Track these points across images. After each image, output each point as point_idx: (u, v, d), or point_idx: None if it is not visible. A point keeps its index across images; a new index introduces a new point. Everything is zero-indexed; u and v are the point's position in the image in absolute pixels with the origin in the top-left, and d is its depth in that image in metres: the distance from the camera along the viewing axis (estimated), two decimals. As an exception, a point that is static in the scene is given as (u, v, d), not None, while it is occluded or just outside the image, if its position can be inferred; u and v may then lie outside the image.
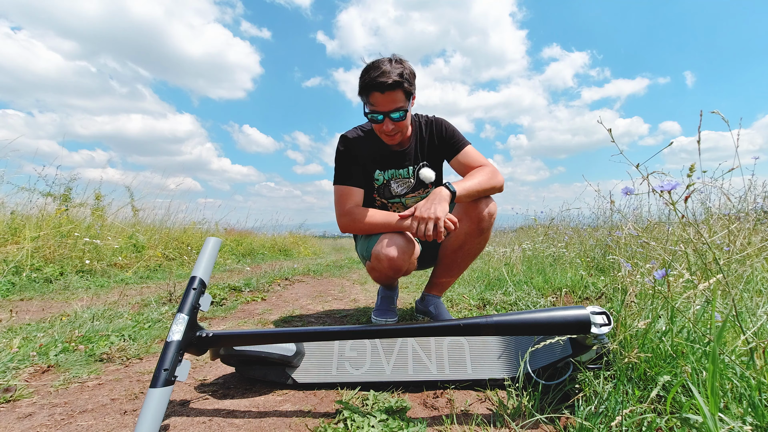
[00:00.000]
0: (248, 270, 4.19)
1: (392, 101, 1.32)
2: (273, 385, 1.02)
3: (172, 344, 0.80)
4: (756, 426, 0.58)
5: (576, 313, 0.79)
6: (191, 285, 0.90)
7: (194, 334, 0.86)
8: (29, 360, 1.15)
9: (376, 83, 1.27)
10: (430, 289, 1.65)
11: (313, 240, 10.51)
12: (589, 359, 0.89)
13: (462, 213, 1.46)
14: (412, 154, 1.53)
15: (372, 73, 1.29)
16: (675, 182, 0.75)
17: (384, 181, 1.56)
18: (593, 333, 0.77)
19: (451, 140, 1.51)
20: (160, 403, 0.73)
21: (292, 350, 0.99)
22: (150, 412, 0.71)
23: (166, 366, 0.77)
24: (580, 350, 0.87)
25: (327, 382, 1.00)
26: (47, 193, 3.87)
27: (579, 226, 3.87)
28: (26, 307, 2.04)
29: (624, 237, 1.63)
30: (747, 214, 1.76)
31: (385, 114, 1.33)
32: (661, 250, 1.33)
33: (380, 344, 1.07)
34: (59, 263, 3.06)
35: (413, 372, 1.00)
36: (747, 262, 1.23)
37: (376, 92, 1.30)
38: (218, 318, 1.85)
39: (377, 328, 0.88)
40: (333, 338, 0.90)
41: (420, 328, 0.85)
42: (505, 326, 0.80)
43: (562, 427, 0.76)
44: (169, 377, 0.76)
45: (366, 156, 1.51)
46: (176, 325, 0.83)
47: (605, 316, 0.79)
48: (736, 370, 0.70)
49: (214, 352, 0.97)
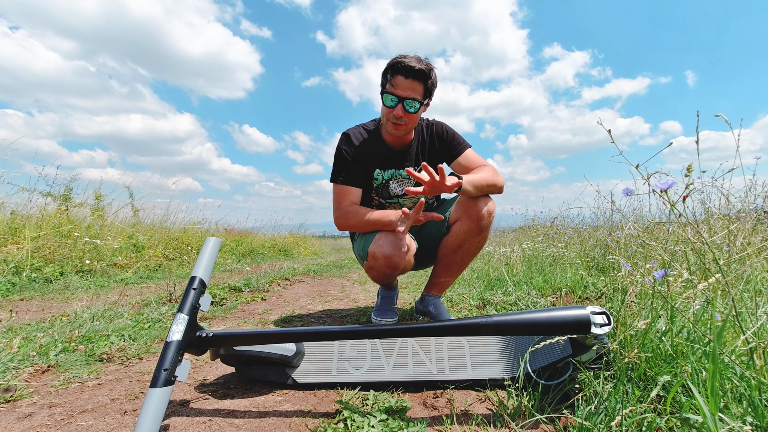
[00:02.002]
0: (248, 270, 4.19)
1: (412, 89, 1.34)
2: (273, 385, 1.02)
3: (172, 344, 0.80)
4: (756, 426, 0.58)
5: (576, 313, 0.79)
6: (191, 285, 0.90)
7: (194, 334, 0.86)
8: (29, 360, 1.15)
9: (405, 66, 1.31)
10: (430, 289, 1.65)
11: (313, 240, 10.51)
12: (589, 359, 0.89)
13: (461, 212, 1.47)
14: (413, 155, 1.54)
15: (403, 58, 1.33)
16: (672, 181, 0.75)
17: (383, 181, 1.56)
18: (593, 333, 0.77)
19: (452, 143, 1.53)
20: (160, 403, 0.73)
21: (292, 350, 0.99)
22: (150, 412, 0.71)
23: (166, 366, 0.77)
24: (580, 350, 0.87)
25: (327, 382, 0.99)
26: (47, 193, 3.87)
27: (579, 227, 3.87)
28: (26, 307, 2.04)
29: (624, 237, 1.63)
30: (747, 214, 1.76)
31: (400, 99, 1.35)
32: (661, 250, 1.33)
33: (380, 344, 1.07)
34: (59, 263, 3.06)
35: (413, 372, 1.00)
36: (747, 262, 1.23)
37: (401, 75, 1.33)
38: (218, 318, 1.85)
39: (377, 328, 0.88)
40: (333, 338, 0.90)
41: (420, 328, 0.85)
42: (505, 326, 0.80)
43: (562, 427, 0.76)
44: (169, 377, 0.76)
45: (367, 154, 1.51)
46: (176, 325, 0.83)
47: (605, 316, 0.79)
48: (736, 370, 0.70)
49: (214, 352, 0.97)
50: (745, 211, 1.91)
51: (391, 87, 1.35)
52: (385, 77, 1.39)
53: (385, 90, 1.38)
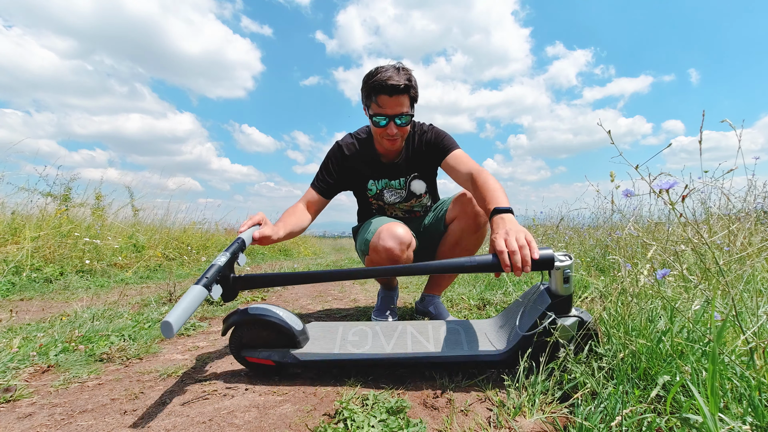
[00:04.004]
0: (248, 270, 4.19)
1: (399, 105, 1.34)
2: (274, 378, 1.03)
3: (215, 265, 0.94)
4: (756, 426, 0.58)
5: (544, 252, 0.93)
6: (236, 240, 1.09)
7: (229, 273, 1.00)
8: (29, 360, 1.15)
9: (387, 86, 1.29)
10: (430, 289, 1.65)
11: (313, 240, 10.51)
12: (571, 335, 0.95)
13: (458, 210, 1.47)
14: (403, 165, 1.55)
15: (381, 76, 1.30)
16: (673, 181, 0.75)
17: (377, 191, 1.60)
18: (557, 266, 0.93)
19: (440, 144, 1.50)
20: (196, 298, 0.83)
21: (300, 326, 1.08)
22: (187, 301, 0.79)
23: (208, 276, 0.90)
24: (558, 305, 0.95)
25: (329, 359, 1.03)
26: (47, 193, 3.87)
27: (579, 227, 3.87)
28: (26, 307, 2.04)
29: (624, 237, 1.63)
30: (747, 214, 1.76)
31: (390, 117, 1.35)
32: (661, 249, 1.33)
33: (380, 330, 1.15)
34: (59, 263, 3.06)
35: (412, 349, 1.05)
36: (747, 262, 1.23)
37: (384, 95, 1.31)
38: (218, 318, 1.85)
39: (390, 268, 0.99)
40: (345, 277, 1.02)
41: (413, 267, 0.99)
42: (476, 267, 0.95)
43: (562, 427, 0.76)
44: (207, 285, 0.88)
45: (358, 166, 1.55)
46: (221, 256, 0.98)
47: (567, 256, 0.94)
48: (736, 370, 0.70)
49: (226, 327, 1.06)
50: (745, 211, 1.91)
51: (378, 107, 1.34)
52: (368, 98, 1.37)
53: (372, 112, 1.37)
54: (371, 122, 1.40)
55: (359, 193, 1.66)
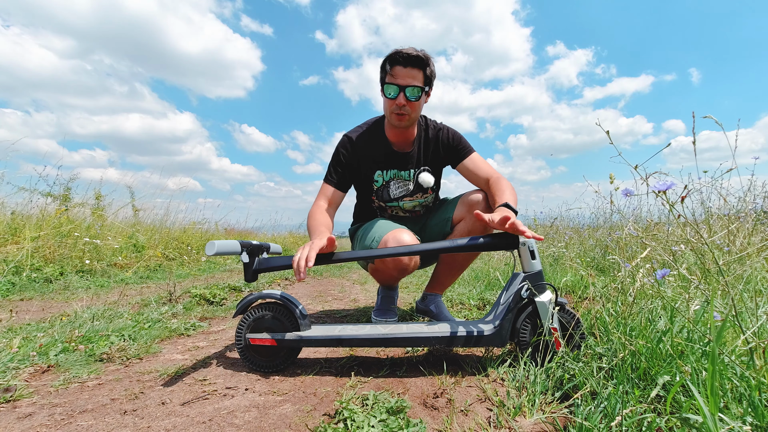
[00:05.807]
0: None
1: (411, 77, 1.34)
2: (286, 358, 1.13)
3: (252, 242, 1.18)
4: (756, 426, 0.58)
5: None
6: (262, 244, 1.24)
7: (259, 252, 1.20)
8: (29, 360, 1.15)
9: (403, 55, 1.32)
10: (431, 287, 1.65)
11: (312, 240, 10.47)
12: (548, 314, 1.02)
13: (465, 211, 1.47)
14: (415, 157, 1.54)
15: (398, 48, 1.34)
16: (671, 182, 0.75)
17: (383, 183, 1.56)
18: (522, 241, 1.07)
19: (458, 146, 1.52)
20: (234, 245, 1.11)
21: (305, 312, 1.17)
22: (227, 241, 1.09)
23: (244, 242, 1.15)
24: (530, 278, 1.06)
25: (330, 338, 1.11)
26: (47, 193, 3.86)
27: (579, 227, 3.87)
28: (26, 307, 2.04)
29: (624, 237, 1.63)
30: (746, 214, 1.76)
31: (401, 87, 1.35)
32: (661, 249, 1.33)
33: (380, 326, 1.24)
34: (59, 263, 3.06)
35: (407, 330, 1.13)
36: (747, 262, 1.23)
37: (399, 65, 1.33)
38: (218, 318, 1.85)
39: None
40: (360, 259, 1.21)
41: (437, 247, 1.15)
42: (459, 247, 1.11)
43: (562, 427, 0.76)
44: (242, 243, 1.14)
45: (368, 155, 1.52)
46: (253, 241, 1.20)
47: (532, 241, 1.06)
48: (736, 370, 0.71)
49: (239, 309, 1.16)
50: (744, 211, 1.91)
51: (391, 78, 1.35)
52: (383, 71, 1.39)
53: (384, 82, 1.38)
54: (383, 96, 1.41)
55: (363, 186, 1.63)
